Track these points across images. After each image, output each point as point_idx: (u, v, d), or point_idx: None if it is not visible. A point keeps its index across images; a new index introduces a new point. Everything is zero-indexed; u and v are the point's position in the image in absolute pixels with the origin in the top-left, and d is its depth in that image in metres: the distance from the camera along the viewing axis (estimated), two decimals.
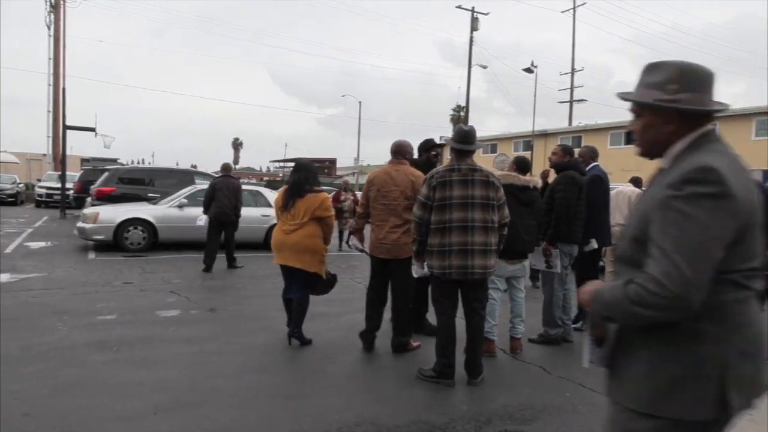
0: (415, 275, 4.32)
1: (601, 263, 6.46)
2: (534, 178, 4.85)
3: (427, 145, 5.28)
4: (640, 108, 1.53)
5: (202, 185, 12.10)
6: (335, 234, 10.99)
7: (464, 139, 3.93)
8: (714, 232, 1.30)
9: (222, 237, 8.68)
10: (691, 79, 1.46)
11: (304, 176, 4.70)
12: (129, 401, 3.39)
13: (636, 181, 7.45)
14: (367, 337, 4.56)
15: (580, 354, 5.11)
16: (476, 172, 3.84)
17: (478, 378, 3.89)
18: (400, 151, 4.56)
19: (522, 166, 4.84)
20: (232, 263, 8.76)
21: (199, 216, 9.14)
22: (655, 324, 1.39)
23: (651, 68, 1.52)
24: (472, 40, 32.68)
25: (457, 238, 3.74)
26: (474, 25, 32.55)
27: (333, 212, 4.73)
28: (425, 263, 3.97)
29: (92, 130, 18.64)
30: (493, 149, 34.18)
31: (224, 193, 8.53)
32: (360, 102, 46.62)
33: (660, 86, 1.47)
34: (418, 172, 4.45)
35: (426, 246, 3.88)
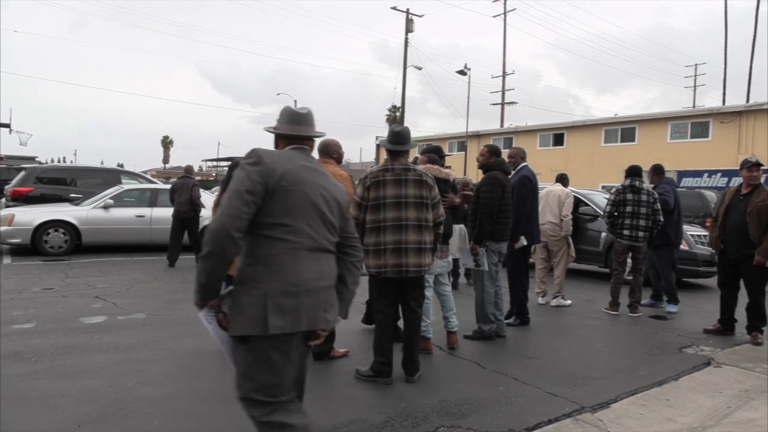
0: None
1: (531, 260, 6.72)
2: (452, 171, 4.99)
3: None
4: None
5: (130, 185, 11.60)
6: None
7: (396, 139, 3.98)
8: (245, 182, 1.97)
9: (185, 235, 9.24)
10: (284, 116, 2.29)
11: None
12: (49, 415, 3.18)
13: (563, 179, 7.48)
14: None
15: (514, 348, 5.29)
16: (409, 172, 3.89)
17: (416, 375, 3.94)
18: (326, 150, 4.47)
19: (434, 160, 4.94)
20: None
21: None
22: (239, 275, 2.03)
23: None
24: (407, 41, 33.05)
25: (391, 237, 3.78)
26: (409, 27, 32.91)
27: None
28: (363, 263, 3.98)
29: (6, 126, 17.47)
30: None
31: (180, 192, 9.16)
32: (295, 101, 46.12)
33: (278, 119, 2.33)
34: (341, 171, 4.36)
35: (363, 246, 3.89)
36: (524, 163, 5.87)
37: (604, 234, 8.68)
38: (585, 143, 27.71)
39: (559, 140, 29.40)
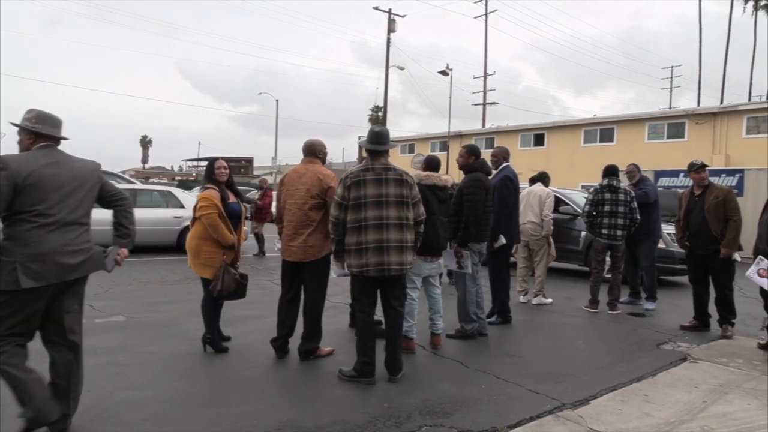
0: (335, 275, 4.31)
1: (512, 259, 6.77)
2: (450, 178, 4.97)
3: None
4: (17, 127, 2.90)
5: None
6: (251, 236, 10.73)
7: (376, 139, 3.99)
8: None
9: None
10: (40, 118, 2.88)
11: (204, 174, 4.62)
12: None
13: (543, 178, 7.41)
14: (278, 344, 4.42)
15: (496, 347, 5.33)
16: (390, 171, 3.91)
17: (398, 375, 3.95)
18: (311, 149, 4.44)
19: (434, 166, 4.95)
20: None
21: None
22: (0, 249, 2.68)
23: (29, 110, 2.93)
24: (389, 41, 33.08)
25: (372, 236, 3.79)
26: (391, 27, 32.95)
27: (209, 211, 4.29)
28: (345, 263, 3.98)
29: None
30: (411, 149, 34.77)
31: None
32: (277, 100, 45.79)
33: (26, 119, 2.87)
34: (329, 171, 4.36)
35: (344, 246, 3.90)
36: (506, 163, 5.91)
37: (583, 233, 8.80)
38: (565, 143, 28.01)
39: (539, 140, 29.67)
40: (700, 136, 23.11)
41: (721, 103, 30.59)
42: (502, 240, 5.62)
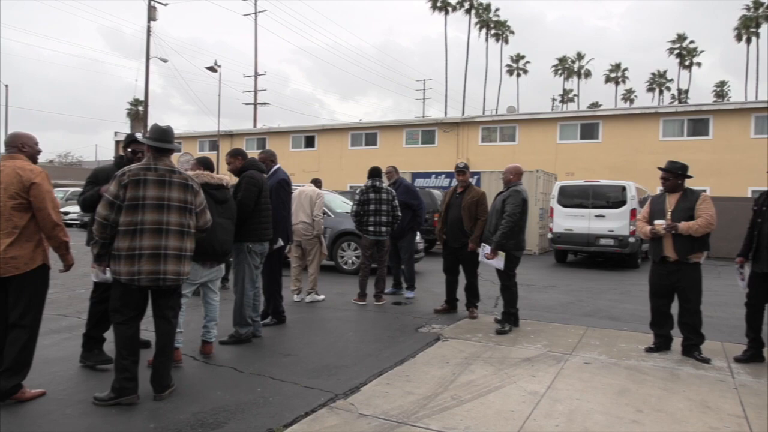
0: (95, 279, 3.86)
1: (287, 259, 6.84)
2: (226, 177, 4.78)
3: (128, 141, 4.57)
4: None
5: None
6: None
7: (163, 137, 3.68)
8: None
9: None
10: None
11: None
12: None
13: (316, 182, 7.88)
14: None
15: (270, 348, 5.32)
16: (174, 174, 3.65)
17: (167, 391, 3.65)
18: (13, 142, 3.68)
19: (207, 165, 4.75)
20: None
21: None
22: None
23: None
24: (149, 29, 30.46)
25: (149, 242, 3.47)
26: (151, 14, 30.39)
27: None
28: (108, 268, 3.56)
29: None
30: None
31: None
32: (6, 86, 38.59)
33: None
34: (32, 166, 3.63)
35: (110, 249, 3.50)
36: (277, 166, 5.91)
37: (329, 230, 9.68)
38: (334, 146, 29.40)
39: (310, 142, 30.58)
40: (447, 143, 26.48)
41: (463, 114, 35.56)
42: (281, 242, 5.64)
